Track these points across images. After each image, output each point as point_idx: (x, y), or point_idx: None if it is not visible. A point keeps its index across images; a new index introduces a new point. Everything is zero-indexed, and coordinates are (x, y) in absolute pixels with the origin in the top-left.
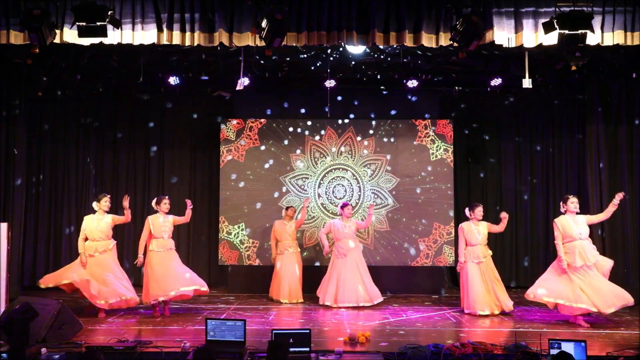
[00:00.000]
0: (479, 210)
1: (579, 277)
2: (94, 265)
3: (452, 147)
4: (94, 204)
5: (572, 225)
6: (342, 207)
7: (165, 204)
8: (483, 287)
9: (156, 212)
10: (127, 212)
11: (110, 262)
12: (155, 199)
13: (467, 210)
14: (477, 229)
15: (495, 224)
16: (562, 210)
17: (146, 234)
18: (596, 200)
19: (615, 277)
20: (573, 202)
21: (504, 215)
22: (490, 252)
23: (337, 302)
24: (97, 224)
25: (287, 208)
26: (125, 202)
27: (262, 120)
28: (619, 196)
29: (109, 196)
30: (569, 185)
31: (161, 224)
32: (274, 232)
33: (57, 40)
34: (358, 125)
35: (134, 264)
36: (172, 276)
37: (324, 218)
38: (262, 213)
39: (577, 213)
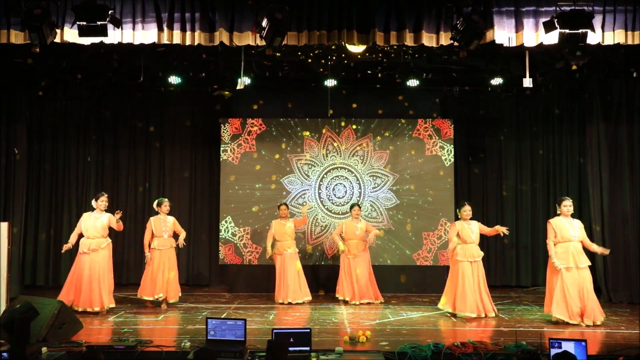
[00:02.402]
0: (464, 210)
1: (569, 279)
2: (84, 264)
3: (452, 146)
4: (93, 203)
5: (568, 227)
6: (350, 208)
7: (166, 206)
8: (473, 288)
9: (157, 213)
10: (119, 224)
11: (101, 264)
12: (157, 201)
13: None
14: (469, 228)
15: (488, 226)
16: (558, 212)
17: (148, 234)
18: (597, 200)
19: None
20: (566, 206)
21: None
22: (482, 254)
23: (360, 298)
24: (94, 222)
25: (279, 206)
26: (117, 216)
27: (262, 119)
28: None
29: (106, 195)
30: (569, 185)
31: (162, 224)
32: (271, 232)
33: (57, 39)
34: (357, 124)
35: (144, 262)
36: (161, 280)
37: (324, 218)
38: (263, 212)
39: (572, 216)
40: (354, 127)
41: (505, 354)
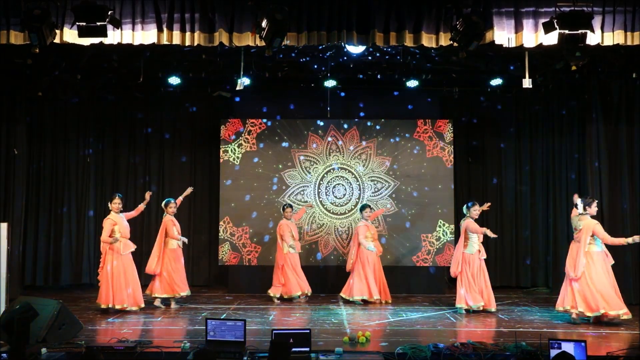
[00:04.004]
0: (475, 209)
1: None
2: (129, 263)
3: (452, 147)
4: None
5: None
6: (362, 209)
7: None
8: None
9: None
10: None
11: (132, 263)
12: (165, 201)
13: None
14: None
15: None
16: (585, 211)
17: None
18: (596, 200)
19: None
20: (596, 207)
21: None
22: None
23: (386, 297)
24: (125, 223)
25: (284, 208)
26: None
27: (261, 120)
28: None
29: (120, 197)
30: (568, 185)
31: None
32: (283, 231)
33: (57, 40)
34: (358, 125)
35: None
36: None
37: (333, 222)
38: (263, 213)
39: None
40: (357, 128)
41: (505, 354)
